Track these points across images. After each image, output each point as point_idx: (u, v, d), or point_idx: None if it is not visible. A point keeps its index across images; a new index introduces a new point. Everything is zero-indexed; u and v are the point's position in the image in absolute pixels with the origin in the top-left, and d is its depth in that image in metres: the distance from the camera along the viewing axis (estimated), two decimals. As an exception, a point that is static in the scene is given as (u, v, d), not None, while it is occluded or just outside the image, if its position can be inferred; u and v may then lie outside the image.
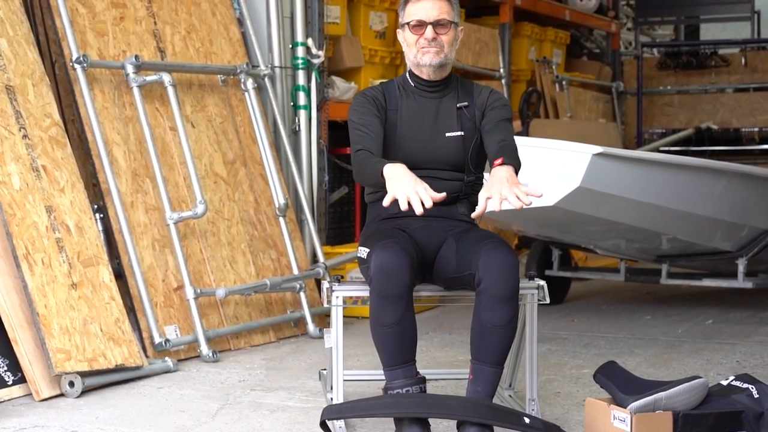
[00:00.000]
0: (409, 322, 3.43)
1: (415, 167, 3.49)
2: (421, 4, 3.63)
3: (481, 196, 3.28)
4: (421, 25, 3.63)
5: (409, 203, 3.22)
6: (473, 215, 3.39)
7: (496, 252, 3.43)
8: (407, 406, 3.38)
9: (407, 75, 3.76)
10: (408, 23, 3.66)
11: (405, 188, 3.25)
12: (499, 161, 3.39)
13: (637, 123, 10.61)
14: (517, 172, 3.42)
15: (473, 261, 3.47)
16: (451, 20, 3.65)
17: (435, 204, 3.33)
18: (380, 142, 3.60)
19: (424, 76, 3.71)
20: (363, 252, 3.56)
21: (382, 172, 3.36)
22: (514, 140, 3.65)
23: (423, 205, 3.21)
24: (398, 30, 3.75)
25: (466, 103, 3.72)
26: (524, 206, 3.21)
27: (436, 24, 3.62)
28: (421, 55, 3.66)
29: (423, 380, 3.49)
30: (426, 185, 3.27)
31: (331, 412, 3.44)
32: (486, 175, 3.63)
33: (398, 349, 3.45)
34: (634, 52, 11.55)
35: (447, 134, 3.68)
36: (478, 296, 3.44)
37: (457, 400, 3.44)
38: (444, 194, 3.32)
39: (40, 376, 4.27)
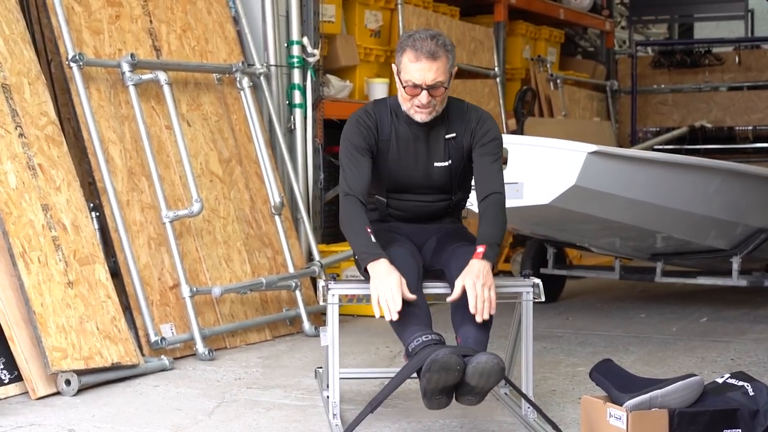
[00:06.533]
0: (423, 300, 3.57)
1: (404, 191, 3.80)
2: (419, 65, 3.56)
3: (458, 282, 3.48)
4: (416, 87, 3.60)
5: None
6: (448, 300, 3.54)
7: (463, 250, 3.64)
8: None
9: (399, 103, 3.74)
10: (401, 78, 3.63)
11: (377, 292, 3.44)
12: (480, 251, 3.53)
13: (631, 121, 10.63)
14: (498, 245, 3.60)
15: (444, 259, 3.71)
16: (446, 81, 3.61)
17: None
18: (367, 179, 3.67)
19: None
20: None
21: (366, 267, 3.52)
22: (503, 187, 3.72)
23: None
24: (393, 64, 3.73)
25: (454, 134, 3.75)
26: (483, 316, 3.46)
27: (431, 87, 3.59)
28: (413, 112, 3.67)
29: (440, 335, 3.52)
30: (399, 285, 3.42)
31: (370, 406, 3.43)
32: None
33: (418, 315, 3.50)
34: (628, 50, 11.57)
35: (436, 164, 3.75)
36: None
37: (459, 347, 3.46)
38: (414, 296, 3.47)
39: (36, 374, 4.27)
